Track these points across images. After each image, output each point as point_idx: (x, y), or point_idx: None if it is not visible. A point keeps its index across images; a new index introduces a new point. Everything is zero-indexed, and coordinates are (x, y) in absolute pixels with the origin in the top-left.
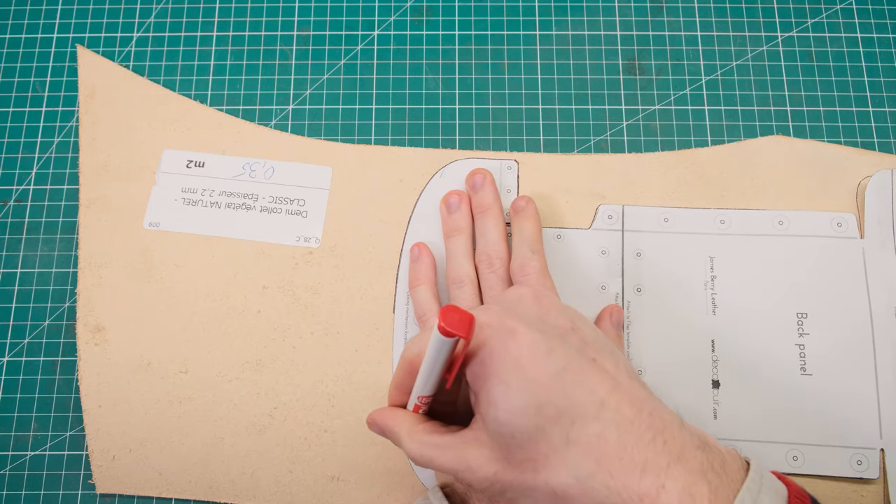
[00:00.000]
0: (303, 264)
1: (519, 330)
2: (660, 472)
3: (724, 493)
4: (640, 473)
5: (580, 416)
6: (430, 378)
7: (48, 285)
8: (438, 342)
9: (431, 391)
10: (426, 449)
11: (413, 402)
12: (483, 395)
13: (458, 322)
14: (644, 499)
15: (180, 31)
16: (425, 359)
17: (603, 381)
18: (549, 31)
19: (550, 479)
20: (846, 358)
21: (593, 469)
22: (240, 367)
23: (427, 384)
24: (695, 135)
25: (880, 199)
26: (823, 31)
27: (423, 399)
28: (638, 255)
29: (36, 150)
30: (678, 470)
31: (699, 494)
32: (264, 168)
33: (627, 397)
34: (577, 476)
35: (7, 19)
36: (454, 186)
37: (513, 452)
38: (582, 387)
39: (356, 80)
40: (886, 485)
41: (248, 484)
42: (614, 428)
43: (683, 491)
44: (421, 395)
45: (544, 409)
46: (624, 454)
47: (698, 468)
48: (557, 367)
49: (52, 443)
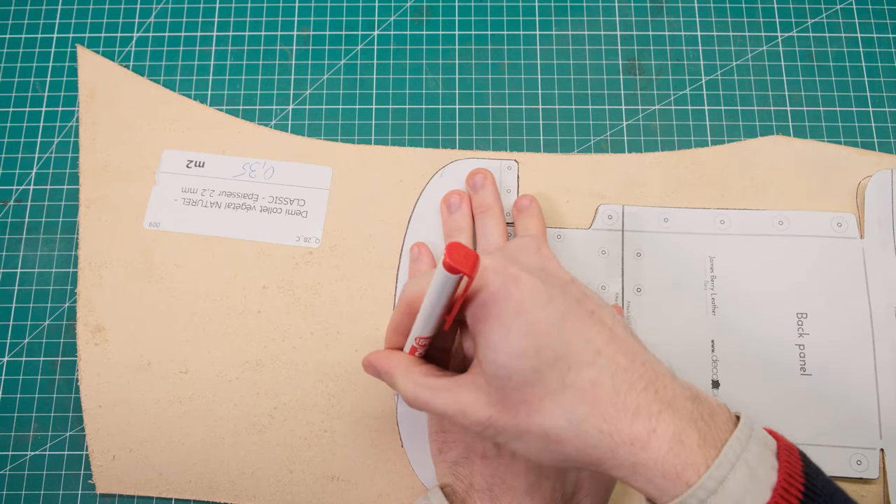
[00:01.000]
0: (303, 264)
1: (522, 276)
2: (651, 418)
3: (713, 440)
4: (631, 418)
5: (576, 361)
6: (430, 318)
7: (48, 285)
8: (443, 278)
9: (431, 332)
10: (421, 390)
11: (410, 343)
12: (482, 337)
13: (463, 259)
14: (635, 442)
15: (180, 31)
16: (427, 297)
17: (600, 332)
18: (549, 31)
19: (544, 423)
20: (846, 358)
21: (587, 413)
22: (240, 367)
23: (427, 324)
24: (695, 135)
25: (880, 199)
26: (823, 31)
27: (420, 340)
28: (638, 255)
29: (36, 150)
30: (669, 416)
31: (688, 440)
32: (264, 168)
33: (622, 348)
34: (571, 419)
35: (7, 19)
36: (454, 186)
37: (508, 395)
38: (580, 335)
39: (356, 80)
40: (886, 485)
41: (248, 484)
42: (608, 375)
43: (673, 436)
44: (419, 336)
45: (542, 353)
46: (617, 400)
47: (688, 416)
48: (557, 315)
49: (52, 443)
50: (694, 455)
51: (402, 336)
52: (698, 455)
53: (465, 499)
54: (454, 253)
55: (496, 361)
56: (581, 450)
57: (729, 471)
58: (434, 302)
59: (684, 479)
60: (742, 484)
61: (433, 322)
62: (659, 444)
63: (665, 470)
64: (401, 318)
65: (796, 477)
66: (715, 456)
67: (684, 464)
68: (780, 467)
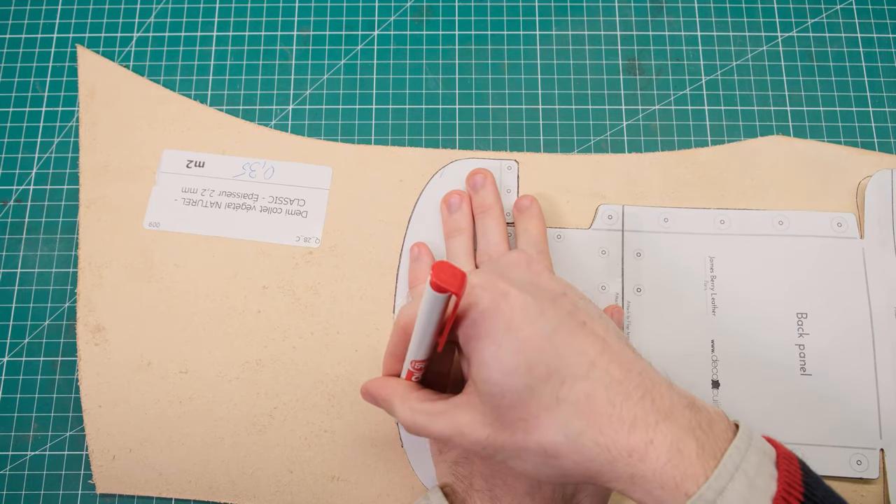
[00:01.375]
0: (303, 264)
1: (511, 292)
2: (648, 429)
3: (712, 450)
4: (628, 429)
5: (570, 375)
6: (422, 340)
7: (48, 285)
8: (431, 299)
9: (425, 355)
10: (418, 416)
11: (406, 367)
12: (475, 356)
13: (450, 277)
14: (633, 454)
15: (180, 31)
16: (417, 318)
17: (593, 344)
18: (549, 31)
19: (541, 439)
20: (846, 358)
21: (583, 426)
22: (240, 367)
23: (420, 347)
24: (695, 135)
25: (880, 199)
26: (823, 31)
27: (416, 364)
28: (638, 255)
29: (36, 150)
30: (666, 426)
31: (687, 449)
32: (264, 168)
33: (616, 359)
34: (567, 434)
35: (7, 19)
36: (454, 186)
37: (504, 413)
38: (572, 348)
39: (356, 80)
40: (886, 485)
41: (248, 484)
42: (603, 387)
43: (672, 446)
44: (414, 360)
45: (535, 369)
46: (613, 412)
47: (686, 425)
48: (549, 329)
49: (52, 443)
50: (692, 466)
51: (398, 361)
52: (697, 465)
53: (465, 499)
54: (440, 272)
55: (489, 380)
56: (579, 463)
57: (728, 481)
58: (425, 323)
59: (683, 489)
60: (741, 494)
61: (426, 344)
62: (657, 455)
63: (664, 481)
64: (396, 342)
65: (796, 486)
66: (714, 466)
67: (683, 475)
68: (779, 476)
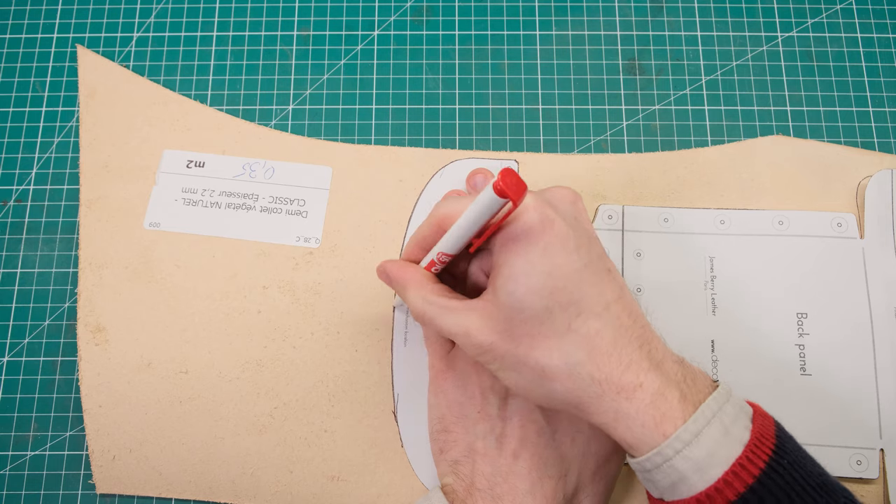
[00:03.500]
0: (303, 264)
1: (556, 221)
2: (640, 373)
3: (693, 399)
4: (623, 370)
5: (586, 310)
6: (461, 237)
7: (48, 285)
8: (488, 200)
9: (455, 251)
10: (430, 307)
11: (431, 257)
12: (505, 268)
13: (514, 185)
14: (621, 392)
15: (180, 31)
16: (464, 215)
17: (613, 289)
18: (549, 31)
19: (541, 358)
20: (846, 358)
21: (583, 358)
22: (240, 367)
23: (456, 242)
24: (695, 135)
25: (880, 199)
26: (823, 31)
27: (442, 257)
28: (638, 255)
29: (36, 150)
30: (656, 374)
31: (671, 396)
32: (264, 168)
33: (628, 308)
34: (567, 362)
35: (7, 19)
36: (454, 186)
37: (516, 327)
38: (595, 287)
39: (356, 80)
40: (886, 485)
41: (248, 484)
42: (612, 329)
43: (657, 391)
44: (442, 252)
45: (557, 295)
46: (613, 352)
47: (673, 377)
48: (580, 264)
49: (52, 443)
50: (673, 409)
51: (422, 251)
52: (677, 410)
53: (466, 499)
54: (507, 178)
55: (514, 293)
56: (570, 391)
57: (704, 426)
58: (471, 221)
59: (662, 430)
60: (716, 439)
61: (462, 241)
62: (643, 396)
63: (645, 420)
64: (426, 234)
65: (768, 437)
66: (693, 412)
67: (663, 416)
68: (753, 429)
